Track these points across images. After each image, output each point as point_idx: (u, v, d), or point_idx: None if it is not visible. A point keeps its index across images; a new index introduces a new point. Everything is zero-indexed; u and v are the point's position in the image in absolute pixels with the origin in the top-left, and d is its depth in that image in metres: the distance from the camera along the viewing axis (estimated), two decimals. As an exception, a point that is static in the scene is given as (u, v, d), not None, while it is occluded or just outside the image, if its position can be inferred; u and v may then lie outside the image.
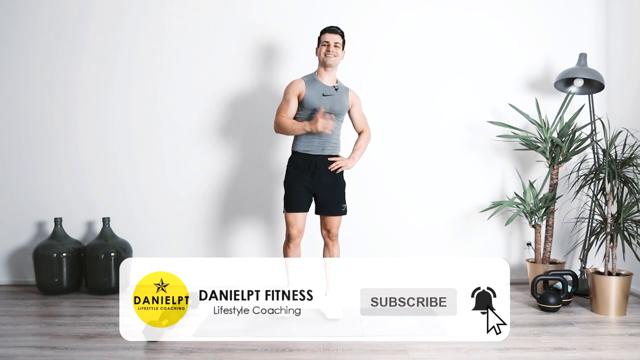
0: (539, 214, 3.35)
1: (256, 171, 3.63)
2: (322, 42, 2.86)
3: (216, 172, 3.64)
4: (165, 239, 3.66)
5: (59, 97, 3.65)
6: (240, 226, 3.65)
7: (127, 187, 3.66)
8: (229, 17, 3.61)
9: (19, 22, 3.63)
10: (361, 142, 3.02)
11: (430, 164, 3.64)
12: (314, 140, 2.83)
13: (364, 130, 3.05)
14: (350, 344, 2.50)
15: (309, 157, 2.84)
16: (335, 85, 2.90)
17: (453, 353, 2.39)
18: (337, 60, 2.86)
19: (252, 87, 3.61)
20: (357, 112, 3.01)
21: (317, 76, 2.89)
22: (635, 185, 2.95)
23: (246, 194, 3.64)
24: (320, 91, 2.83)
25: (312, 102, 2.81)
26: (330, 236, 2.95)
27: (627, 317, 2.88)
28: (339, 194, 2.94)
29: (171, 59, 3.63)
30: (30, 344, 2.53)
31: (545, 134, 3.30)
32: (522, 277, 3.65)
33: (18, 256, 3.69)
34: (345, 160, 2.91)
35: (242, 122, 3.62)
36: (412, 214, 3.65)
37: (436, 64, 3.63)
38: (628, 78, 3.41)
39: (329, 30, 2.87)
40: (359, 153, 2.99)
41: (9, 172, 3.67)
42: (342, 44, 2.90)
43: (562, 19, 3.62)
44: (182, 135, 3.64)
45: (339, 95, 2.88)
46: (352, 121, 3.03)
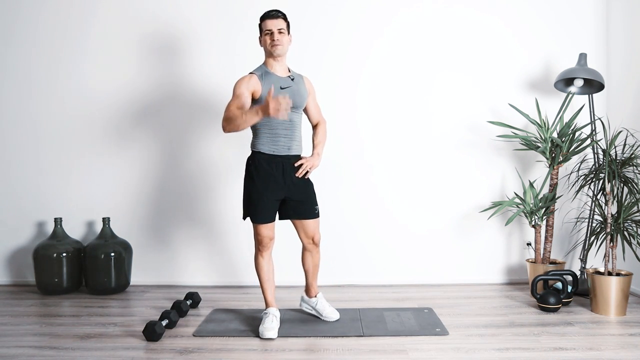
0: (539, 214, 3.35)
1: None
2: (264, 31, 2.58)
3: (216, 172, 3.64)
4: (165, 239, 3.66)
5: (59, 97, 3.65)
6: (240, 226, 3.65)
7: (127, 187, 3.66)
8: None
9: (20, 22, 3.63)
10: (321, 136, 2.78)
11: (430, 164, 3.64)
12: (280, 139, 2.59)
13: (320, 121, 2.81)
14: (350, 344, 2.50)
15: (275, 158, 2.60)
16: (290, 75, 2.66)
17: (453, 353, 2.38)
18: (285, 49, 2.59)
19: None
20: (313, 101, 2.77)
21: (268, 67, 2.61)
22: (635, 185, 2.95)
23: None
24: (277, 84, 2.56)
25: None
26: (315, 243, 2.77)
27: (627, 317, 2.88)
28: (311, 196, 2.72)
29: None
30: (30, 344, 2.53)
31: (545, 134, 3.30)
32: (522, 277, 3.65)
33: (18, 256, 3.70)
34: (311, 159, 2.67)
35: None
36: (411, 214, 3.65)
37: (436, 63, 3.63)
38: (628, 78, 3.41)
39: (268, 16, 2.57)
40: (322, 147, 2.76)
41: (9, 172, 3.68)
42: (287, 27, 2.62)
43: (562, 19, 3.62)
44: (183, 135, 3.64)
45: (296, 86, 2.64)
46: (307, 113, 2.78)
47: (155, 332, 2.51)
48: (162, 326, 2.56)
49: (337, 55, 3.61)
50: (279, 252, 3.41)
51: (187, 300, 3.06)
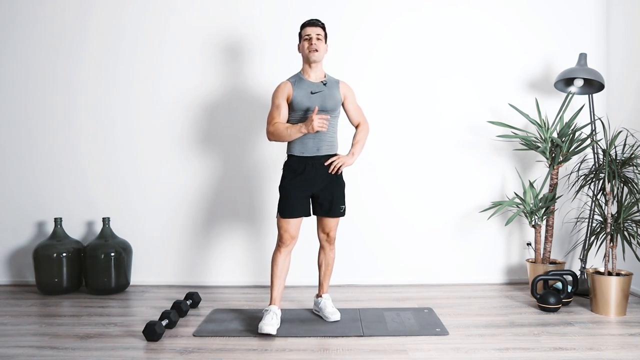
0: (539, 214, 3.35)
1: (256, 172, 3.63)
2: (303, 37, 2.73)
3: (216, 172, 3.64)
4: (165, 239, 3.66)
5: (59, 97, 3.65)
6: (241, 226, 3.65)
7: (127, 187, 3.66)
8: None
9: (19, 21, 3.63)
10: (360, 136, 2.88)
11: (430, 164, 3.64)
12: (308, 142, 2.71)
13: (361, 122, 2.91)
14: (350, 344, 2.50)
15: (303, 159, 2.73)
16: (323, 80, 2.77)
17: (453, 353, 2.38)
18: (321, 55, 2.73)
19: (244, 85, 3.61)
20: (351, 104, 2.87)
21: (303, 74, 2.76)
22: (635, 185, 2.95)
23: (245, 195, 3.64)
24: (308, 89, 2.70)
25: (301, 102, 2.68)
26: (328, 240, 2.87)
27: (627, 317, 2.88)
28: (338, 195, 2.82)
29: (165, 59, 3.63)
30: (30, 344, 2.53)
31: (545, 134, 3.30)
32: (522, 277, 3.65)
33: (18, 256, 3.69)
34: (343, 157, 2.77)
35: (236, 123, 3.62)
36: (411, 214, 3.65)
37: (436, 63, 3.63)
38: (628, 78, 3.41)
39: (308, 24, 2.73)
40: (359, 147, 2.86)
41: (9, 172, 3.68)
42: (325, 37, 2.77)
43: (562, 19, 3.62)
44: (182, 135, 3.64)
45: (329, 90, 2.75)
46: (347, 114, 2.89)
47: (155, 332, 2.51)
48: (162, 326, 2.56)
49: (339, 57, 3.60)
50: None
51: (187, 300, 3.06)
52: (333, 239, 2.89)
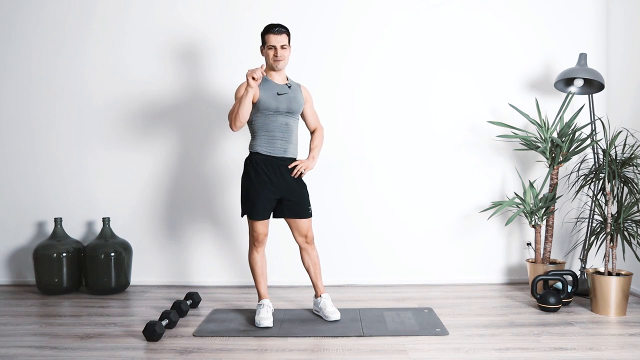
0: (539, 214, 3.35)
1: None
2: (267, 45, 2.72)
3: (216, 173, 3.64)
4: (165, 239, 3.66)
5: (59, 97, 3.65)
6: (240, 226, 3.65)
7: (127, 187, 3.66)
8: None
9: (20, 21, 3.63)
10: (318, 140, 2.94)
11: (430, 164, 3.64)
12: (276, 142, 2.74)
13: (318, 127, 2.98)
14: (350, 344, 2.50)
15: (270, 159, 2.75)
16: (288, 83, 2.82)
17: (453, 353, 2.38)
18: (285, 63, 2.77)
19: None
20: (310, 108, 2.93)
21: (267, 76, 2.78)
22: (635, 185, 2.95)
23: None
24: (274, 90, 2.73)
25: (267, 102, 2.70)
26: (307, 240, 2.87)
27: (627, 317, 2.88)
28: (305, 197, 2.84)
29: (159, 51, 3.63)
30: (30, 344, 2.53)
31: (545, 134, 3.30)
32: (522, 277, 3.65)
33: (18, 256, 3.70)
34: (306, 161, 2.82)
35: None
36: (411, 214, 3.65)
37: (436, 63, 3.63)
38: (628, 78, 3.41)
39: (272, 32, 2.70)
40: (317, 151, 2.91)
41: (9, 172, 3.68)
42: (288, 41, 2.76)
43: (562, 19, 3.62)
44: (182, 136, 3.64)
45: (293, 93, 2.80)
46: (305, 119, 2.94)
47: (155, 332, 2.51)
48: (162, 326, 2.56)
49: (337, 56, 3.61)
50: (280, 252, 3.43)
51: (187, 300, 3.06)
52: (312, 239, 2.90)
